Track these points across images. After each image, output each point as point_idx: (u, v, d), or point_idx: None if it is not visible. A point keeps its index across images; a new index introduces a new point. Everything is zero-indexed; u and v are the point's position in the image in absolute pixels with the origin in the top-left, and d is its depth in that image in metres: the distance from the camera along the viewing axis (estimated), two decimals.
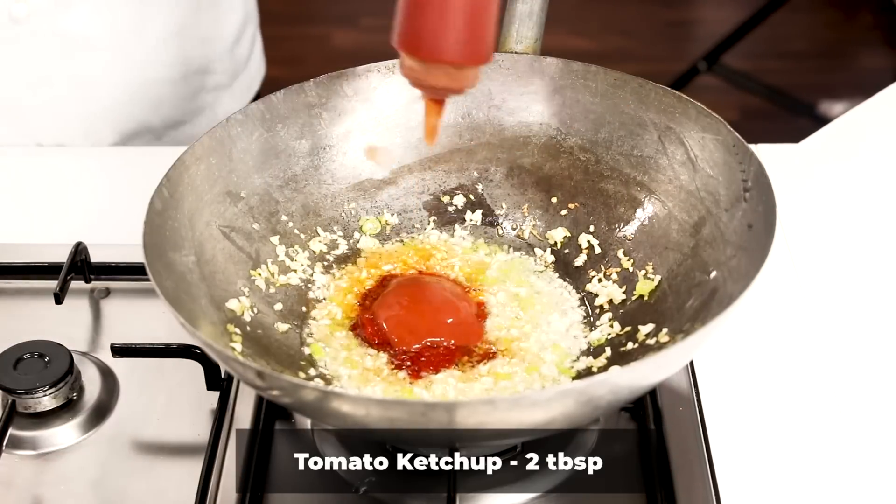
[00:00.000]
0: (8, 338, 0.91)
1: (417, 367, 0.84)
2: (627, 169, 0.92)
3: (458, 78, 0.77)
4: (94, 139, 1.24)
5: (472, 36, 0.75)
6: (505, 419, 0.68)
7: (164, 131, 1.28)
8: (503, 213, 0.97)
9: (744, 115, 2.63)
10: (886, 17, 2.99)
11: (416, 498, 0.82)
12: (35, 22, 1.15)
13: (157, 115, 1.27)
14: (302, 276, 0.92)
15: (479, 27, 0.76)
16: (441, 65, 0.76)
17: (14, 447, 0.86)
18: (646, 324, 0.85)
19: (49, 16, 1.15)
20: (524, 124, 0.96)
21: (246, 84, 1.36)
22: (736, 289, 0.78)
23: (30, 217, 1.11)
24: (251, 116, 0.91)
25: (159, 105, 1.26)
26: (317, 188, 0.95)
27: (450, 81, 0.77)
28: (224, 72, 1.32)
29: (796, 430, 0.88)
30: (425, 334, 0.86)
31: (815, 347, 0.94)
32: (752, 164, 0.81)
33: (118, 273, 0.99)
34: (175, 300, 0.76)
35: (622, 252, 0.91)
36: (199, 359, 0.87)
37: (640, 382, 0.73)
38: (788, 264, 1.02)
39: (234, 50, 1.33)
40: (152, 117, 1.27)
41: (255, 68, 1.39)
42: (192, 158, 0.86)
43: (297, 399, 0.73)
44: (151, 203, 0.80)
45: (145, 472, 0.85)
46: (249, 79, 1.38)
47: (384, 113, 0.96)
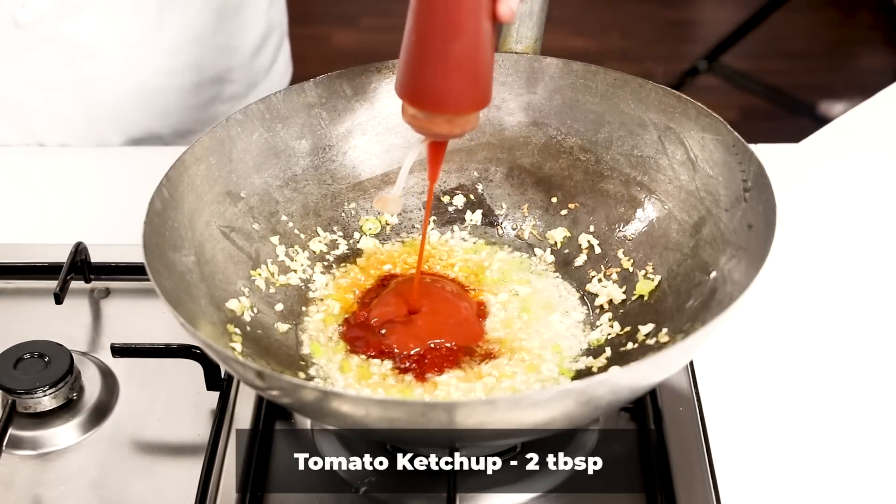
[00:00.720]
0: (8, 338, 0.91)
1: (422, 370, 0.84)
2: (627, 169, 0.92)
3: (460, 123, 0.79)
4: (100, 144, 1.23)
5: (474, 85, 0.78)
6: (505, 419, 0.68)
7: (172, 139, 1.27)
8: (503, 213, 0.97)
9: (744, 115, 2.63)
10: (886, 17, 3.00)
11: (416, 498, 0.82)
12: (40, 27, 1.15)
13: (166, 124, 1.25)
14: (302, 276, 0.92)
15: (480, 76, 0.78)
16: (444, 114, 0.78)
17: (14, 447, 0.86)
18: (646, 324, 0.85)
19: (54, 21, 1.15)
20: (524, 124, 0.96)
21: (265, 93, 1.33)
22: (736, 289, 0.78)
23: (30, 217, 1.11)
24: (251, 116, 0.91)
25: (168, 113, 1.25)
26: (317, 188, 0.95)
27: (452, 128, 0.79)
28: (241, 82, 1.29)
29: (796, 429, 0.88)
30: (427, 337, 0.85)
31: (815, 347, 0.94)
32: (752, 164, 0.81)
33: (118, 273, 0.99)
34: (175, 300, 0.76)
35: (622, 252, 0.91)
36: (199, 359, 0.87)
37: (640, 382, 0.73)
38: (788, 264, 1.02)
39: (255, 60, 1.30)
40: (160, 125, 1.25)
41: (277, 77, 1.36)
42: (192, 158, 0.86)
43: (297, 399, 0.73)
44: (151, 203, 0.80)
45: (145, 472, 0.85)
46: (269, 89, 1.33)
47: (384, 113, 0.96)
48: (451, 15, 0.74)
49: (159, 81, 1.22)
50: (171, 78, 1.22)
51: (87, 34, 1.16)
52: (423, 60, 0.76)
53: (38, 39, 1.15)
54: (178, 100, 1.24)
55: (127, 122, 1.23)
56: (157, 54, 1.20)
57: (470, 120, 0.79)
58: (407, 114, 0.79)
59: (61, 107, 1.21)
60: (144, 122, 1.24)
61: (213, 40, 1.23)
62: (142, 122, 1.24)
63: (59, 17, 1.15)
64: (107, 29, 1.17)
